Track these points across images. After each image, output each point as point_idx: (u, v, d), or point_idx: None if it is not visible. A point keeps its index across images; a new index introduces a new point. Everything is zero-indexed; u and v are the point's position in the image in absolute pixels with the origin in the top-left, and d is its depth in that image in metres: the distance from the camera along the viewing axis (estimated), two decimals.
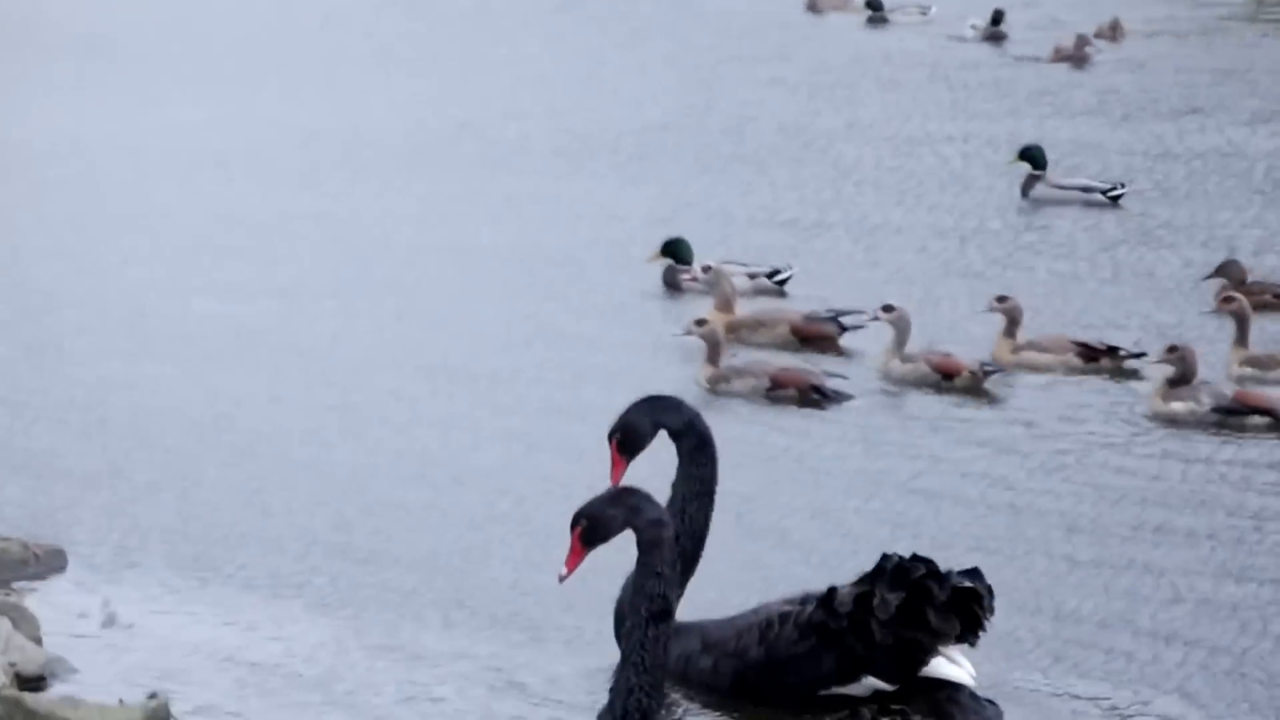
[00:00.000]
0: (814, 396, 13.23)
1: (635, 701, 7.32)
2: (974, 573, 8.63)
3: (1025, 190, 19.47)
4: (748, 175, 21.46)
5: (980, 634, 8.60)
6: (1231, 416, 12.69)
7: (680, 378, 13.35)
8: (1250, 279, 15.63)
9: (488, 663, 9.07)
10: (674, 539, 7.46)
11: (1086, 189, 19.44)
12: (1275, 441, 12.62)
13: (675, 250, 16.04)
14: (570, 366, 14.05)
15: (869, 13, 33.99)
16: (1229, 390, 12.94)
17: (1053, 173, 19.77)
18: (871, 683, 8.61)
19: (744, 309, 14.94)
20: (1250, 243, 18.16)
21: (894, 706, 8.22)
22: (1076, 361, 13.80)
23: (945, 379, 13.63)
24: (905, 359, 13.87)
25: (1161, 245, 18.23)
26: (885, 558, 8.66)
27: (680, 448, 8.75)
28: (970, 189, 20.67)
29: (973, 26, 31.36)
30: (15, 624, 9.02)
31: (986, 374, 13.66)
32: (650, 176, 21.13)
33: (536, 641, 9.32)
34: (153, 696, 8.48)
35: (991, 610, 8.56)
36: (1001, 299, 14.31)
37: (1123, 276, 17.07)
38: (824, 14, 34.54)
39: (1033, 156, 19.64)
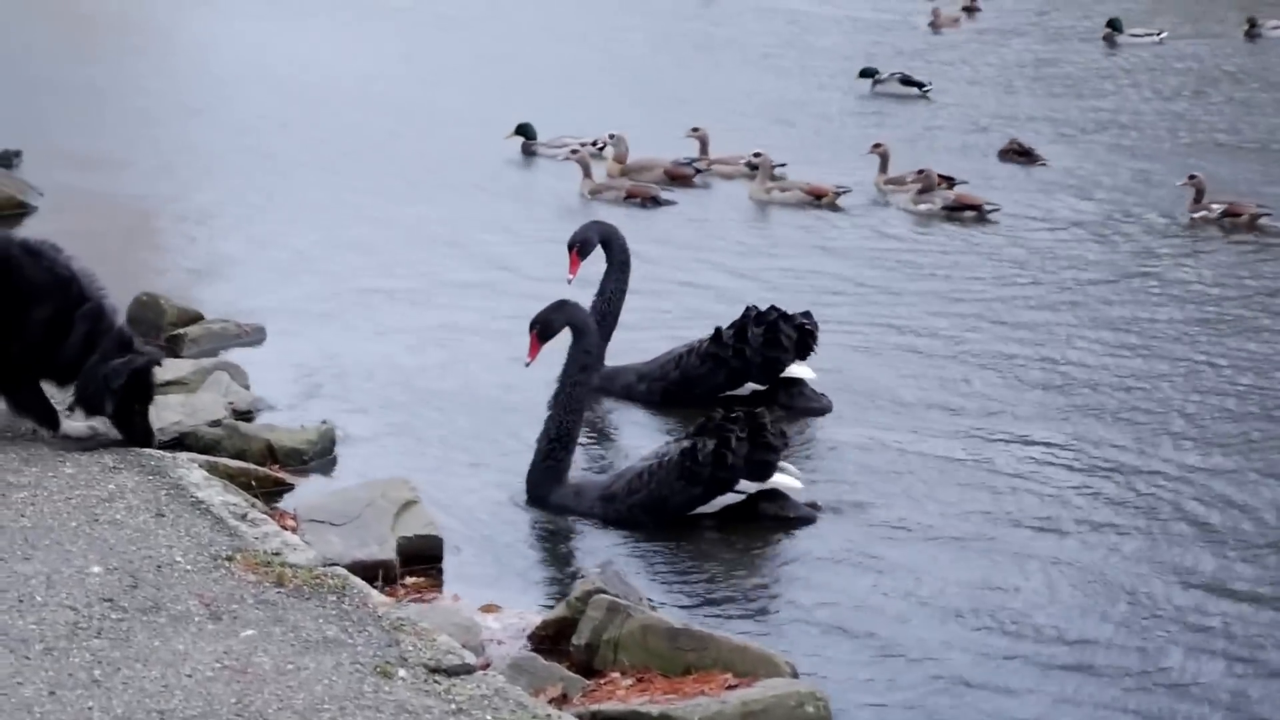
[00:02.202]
0: (650, 203, 17.94)
1: (565, 426, 9.93)
2: (808, 314, 11.63)
3: (873, 85, 25.52)
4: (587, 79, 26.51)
5: (811, 352, 11.55)
6: (954, 211, 17.65)
7: (543, 200, 18.35)
8: (1024, 144, 20.86)
9: None
10: (596, 330, 10.18)
11: (906, 82, 25.47)
12: (978, 227, 17.42)
13: (525, 130, 20.70)
14: (474, 199, 18.35)
15: None
16: (952, 195, 17.90)
17: (887, 75, 25.68)
18: (751, 385, 11.48)
19: (631, 159, 19.40)
20: (1017, 120, 23.63)
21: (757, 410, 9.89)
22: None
23: (816, 199, 18.17)
24: (784, 188, 18.31)
25: (951, 124, 23.62)
26: (748, 308, 11.54)
27: (611, 256, 11.94)
28: (826, 80, 26.75)
29: None
30: (231, 376, 11.05)
31: (840, 194, 18.23)
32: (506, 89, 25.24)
33: None
34: (323, 423, 10.42)
35: (817, 338, 11.61)
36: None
37: (915, 137, 22.23)
38: None
39: (871, 71, 25.79)
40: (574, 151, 19.68)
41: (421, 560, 8.69)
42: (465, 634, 7.36)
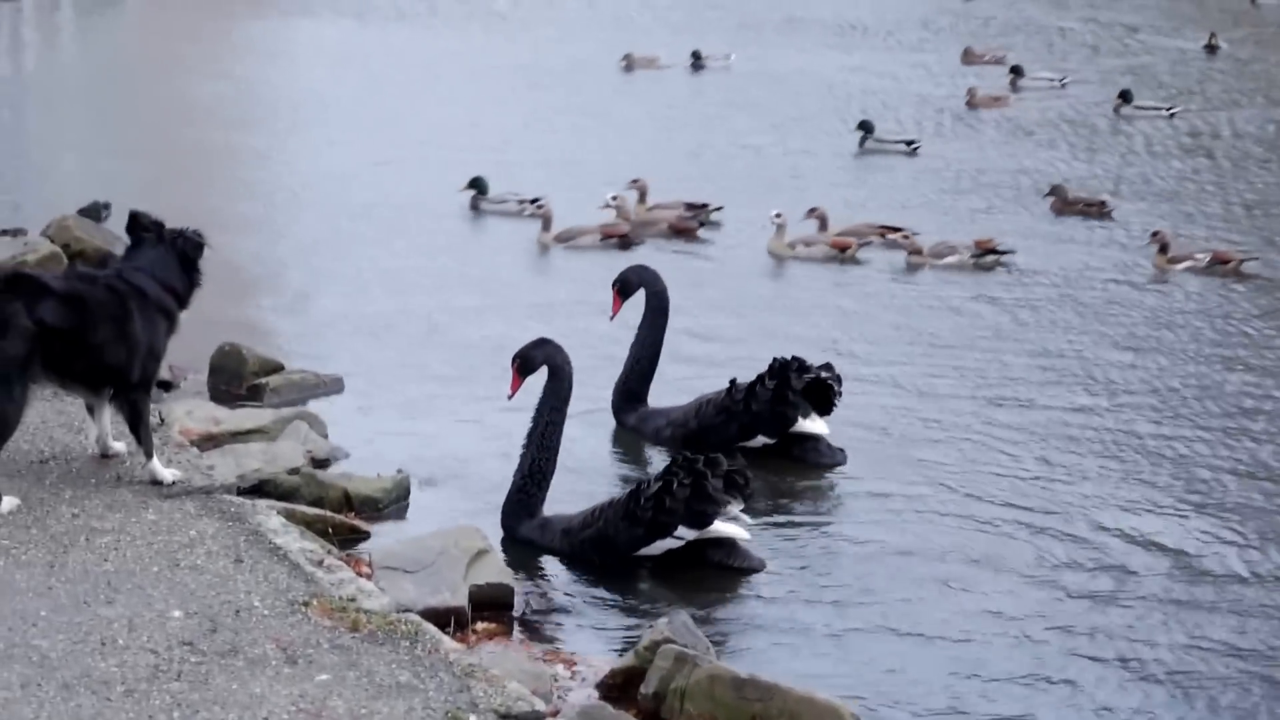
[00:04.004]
0: (621, 241, 18.32)
1: (537, 464, 9.99)
2: (828, 366, 11.59)
3: (861, 144, 25.22)
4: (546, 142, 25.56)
5: (834, 407, 11.44)
6: (981, 257, 17.83)
7: (480, 252, 18.33)
8: (1072, 195, 20.88)
9: None
10: (570, 371, 10.16)
11: (896, 141, 25.29)
12: (1001, 271, 17.63)
13: (477, 184, 20.34)
14: (433, 245, 18.41)
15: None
16: (971, 240, 18.06)
17: (879, 133, 25.38)
18: (761, 439, 11.47)
19: (640, 212, 19.56)
20: (1034, 177, 22.99)
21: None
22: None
23: (841, 252, 18.14)
24: (807, 242, 18.25)
25: (936, 180, 23.12)
26: (774, 359, 11.52)
27: (650, 302, 12.15)
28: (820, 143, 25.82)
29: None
30: (310, 425, 11.19)
31: (861, 246, 18.21)
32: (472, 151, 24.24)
33: None
34: (399, 471, 10.48)
35: (840, 392, 11.46)
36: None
37: (909, 197, 21.82)
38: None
39: (867, 125, 25.40)
40: (537, 204, 19.54)
41: (493, 607, 8.74)
42: (535, 681, 7.37)
